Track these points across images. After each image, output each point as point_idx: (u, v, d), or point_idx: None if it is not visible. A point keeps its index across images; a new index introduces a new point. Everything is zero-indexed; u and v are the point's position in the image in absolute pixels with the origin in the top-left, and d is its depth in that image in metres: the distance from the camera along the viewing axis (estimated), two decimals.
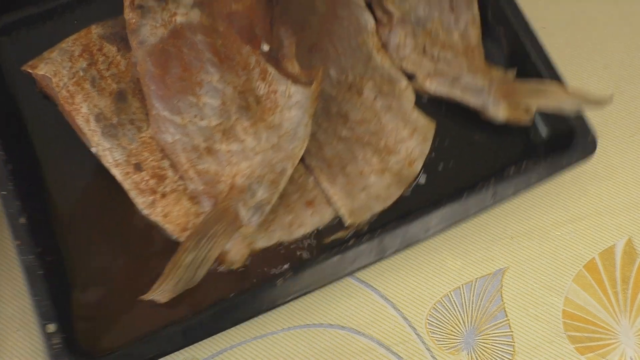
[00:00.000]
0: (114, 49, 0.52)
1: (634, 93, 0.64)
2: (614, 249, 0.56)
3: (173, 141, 0.49)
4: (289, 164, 0.50)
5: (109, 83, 0.51)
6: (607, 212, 0.58)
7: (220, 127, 0.49)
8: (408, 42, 0.56)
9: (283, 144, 0.50)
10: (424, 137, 0.55)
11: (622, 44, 0.66)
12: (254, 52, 0.51)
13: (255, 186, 0.49)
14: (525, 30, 0.56)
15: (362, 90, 0.55)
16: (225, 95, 0.50)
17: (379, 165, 0.53)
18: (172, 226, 0.50)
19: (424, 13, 0.57)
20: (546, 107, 0.53)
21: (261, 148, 0.50)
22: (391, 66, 0.56)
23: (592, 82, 0.64)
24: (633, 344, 0.53)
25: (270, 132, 0.50)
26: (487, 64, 0.56)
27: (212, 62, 0.50)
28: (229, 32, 0.51)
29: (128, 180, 0.50)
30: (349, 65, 0.55)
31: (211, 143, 0.49)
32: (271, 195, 0.49)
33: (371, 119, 0.54)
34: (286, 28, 0.52)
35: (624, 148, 0.61)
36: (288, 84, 0.50)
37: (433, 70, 0.56)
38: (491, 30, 0.59)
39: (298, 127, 0.50)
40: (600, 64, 0.65)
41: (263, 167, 0.49)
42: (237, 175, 0.49)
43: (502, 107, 0.54)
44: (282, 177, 0.50)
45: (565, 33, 0.66)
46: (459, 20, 0.57)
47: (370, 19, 0.57)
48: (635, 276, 0.55)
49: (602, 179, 0.59)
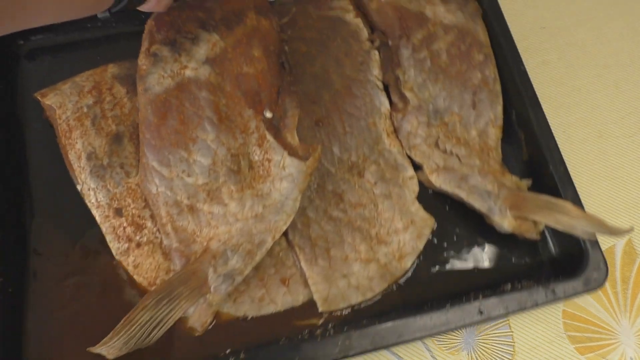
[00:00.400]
0: (123, 90, 0.52)
1: (634, 93, 0.64)
2: (614, 249, 0.56)
3: (156, 193, 0.48)
4: (269, 237, 0.47)
5: (109, 123, 0.51)
6: (607, 212, 0.57)
7: (206, 187, 0.48)
8: (420, 132, 0.54)
9: (267, 215, 0.48)
10: (420, 232, 0.51)
11: (622, 44, 0.66)
12: (256, 116, 0.50)
13: (229, 253, 0.47)
14: (547, 140, 0.52)
15: (363, 173, 0.53)
16: (217, 156, 0.48)
17: (366, 254, 0.50)
18: (140, 278, 0.49)
19: (443, 104, 0.54)
20: (556, 226, 0.49)
21: (243, 215, 0.48)
22: (399, 153, 0.54)
23: (592, 82, 0.63)
24: (633, 344, 0.52)
25: (256, 200, 0.48)
26: (502, 168, 0.53)
27: (210, 121, 0.49)
28: (235, 92, 0.50)
29: (107, 223, 0.49)
30: (354, 144, 0.53)
31: (194, 201, 0.48)
32: (245, 265, 0.47)
33: (367, 203, 0.52)
34: (292, 98, 0.50)
35: (624, 148, 0.61)
36: (284, 155, 0.49)
37: (442, 165, 0.53)
38: (513, 133, 0.56)
39: (286, 200, 0.48)
40: (600, 63, 0.65)
41: (242, 235, 0.47)
42: (213, 239, 0.47)
43: (509, 217, 0.50)
44: (259, 249, 0.47)
45: (565, 33, 0.66)
46: (479, 117, 0.54)
47: (385, 102, 0.55)
48: (635, 276, 0.55)
49: (602, 179, 0.59)
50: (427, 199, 0.53)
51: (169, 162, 0.48)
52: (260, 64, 0.51)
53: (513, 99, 0.55)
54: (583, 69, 0.64)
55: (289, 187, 0.48)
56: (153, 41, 0.51)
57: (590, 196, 0.58)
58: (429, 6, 0.56)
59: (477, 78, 0.55)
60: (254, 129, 0.49)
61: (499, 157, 0.54)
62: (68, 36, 0.58)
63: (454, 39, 0.56)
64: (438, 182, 0.52)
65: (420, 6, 0.56)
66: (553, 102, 0.62)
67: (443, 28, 0.56)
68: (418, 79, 0.54)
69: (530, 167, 0.54)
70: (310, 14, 0.56)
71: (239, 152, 0.49)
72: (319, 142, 0.52)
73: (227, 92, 0.50)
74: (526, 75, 0.54)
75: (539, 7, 0.67)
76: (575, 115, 0.62)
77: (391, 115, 0.55)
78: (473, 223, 0.53)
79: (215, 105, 0.49)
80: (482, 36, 0.56)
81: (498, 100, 0.55)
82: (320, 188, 0.52)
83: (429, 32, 0.55)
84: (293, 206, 0.48)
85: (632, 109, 0.63)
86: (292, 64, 0.54)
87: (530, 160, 0.54)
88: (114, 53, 0.57)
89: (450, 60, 0.55)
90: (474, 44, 0.56)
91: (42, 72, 0.57)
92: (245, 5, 0.53)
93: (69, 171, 0.50)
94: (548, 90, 0.63)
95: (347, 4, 0.57)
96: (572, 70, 0.64)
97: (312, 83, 0.54)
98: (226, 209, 0.48)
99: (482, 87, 0.55)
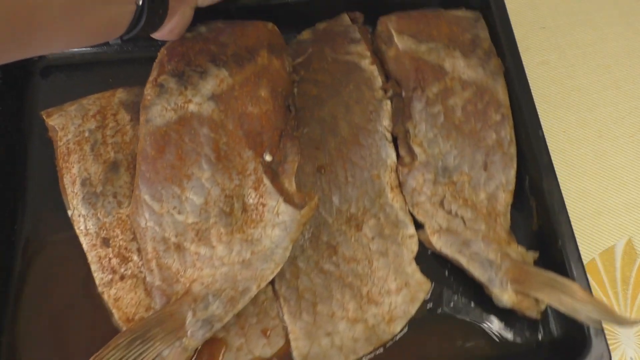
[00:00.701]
0: (127, 117, 0.52)
1: (634, 93, 0.64)
2: (614, 249, 0.56)
3: (145, 227, 0.47)
4: (254, 285, 0.46)
5: (108, 150, 0.50)
6: (607, 212, 0.58)
7: (195, 226, 0.47)
8: (425, 189, 0.51)
9: (255, 262, 0.46)
10: (414, 296, 0.49)
11: (622, 44, 0.66)
12: (255, 158, 0.48)
13: (211, 298, 0.45)
14: (559, 213, 0.49)
15: (361, 226, 0.50)
16: (210, 196, 0.47)
17: (354, 313, 0.48)
18: (119, 313, 0.47)
19: (453, 163, 0.52)
20: (559, 307, 0.46)
21: (230, 260, 0.46)
22: (401, 209, 0.51)
23: (592, 82, 0.64)
24: (633, 344, 0.52)
25: (244, 245, 0.46)
26: (509, 237, 0.50)
27: (208, 159, 0.47)
28: (236, 132, 0.48)
29: (93, 252, 0.48)
30: (355, 195, 0.51)
31: (181, 240, 0.47)
32: (225, 312, 0.45)
33: (362, 259, 0.49)
34: (294, 143, 0.49)
35: (624, 148, 0.61)
36: (279, 201, 0.47)
37: (445, 226, 0.50)
38: (525, 200, 0.53)
39: (276, 248, 0.46)
40: (600, 63, 0.65)
41: (226, 280, 0.46)
42: (196, 281, 0.46)
43: (509, 291, 0.47)
44: (242, 297, 0.46)
45: (565, 33, 0.67)
46: (490, 180, 0.52)
47: (392, 154, 0.53)
48: (636, 276, 0.55)
49: (602, 179, 0.59)
50: (426, 260, 0.51)
51: (161, 196, 0.47)
52: (266, 105, 0.50)
53: (528, 165, 0.52)
54: (583, 69, 0.65)
55: (281, 235, 0.46)
56: (162, 71, 0.50)
57: (590, 196, 0.58)
58: (449, 59, 0.54)
59: (492, 139, 0.53)
60: (252, 170, 0.48)
61: (507, 224, 0.51)
62: (83, 56, 0.58)
63: (471, 96, 0.53)
64: (439, 244, 0.50)
65: (439, 58, 0.54)
66: (553, 102, 0.63)
67: (461, 83, 0.53)
68: (429, 133, 0.52)
69: (540, 238, 0.51)
70: (325, 56, 0.55)
71: (233, 194, 0.47)
72: (318, 190, 0.51)
73: (229, 130, 0.48)
74: (544, 141, 0.51)
75: (539, 7, 0.68)
76: (575, 115, 0.62)
77: (397, 168, 0.52)
78: (472, 292, 0.50)
79: (215, 143, 0.48)
80: (502, 95, 0.54)
81: (512, 164, 0.52)
82: (314, 238, 0.50)
83: (445, 86, 0.53)
84: (282, 255, 0.46)
85: (632, 109, 0.63)
86: (301, 106, 0.53)
87: (540, 232, 0.51)
88: (127, 76, 0.57)
89: (465, 117, 0.53)
90: (491, 103, 0.53)
91: (55, 89, 0.57)
92: (260, 43, 0.52)
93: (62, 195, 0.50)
94: (548, 90, 0.63)
95: (365, 49, 0.55)
96: (572, 70, 0.64)
97: (318, 127, 0.52)
98: (213, 251, 0.46)
99: (496, 149, 0.52)
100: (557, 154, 0.59)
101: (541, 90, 0.62)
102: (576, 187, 0.57)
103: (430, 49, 0.55)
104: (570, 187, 0.58)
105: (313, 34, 0.57)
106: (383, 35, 0.57)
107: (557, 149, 0.60)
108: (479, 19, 0.58)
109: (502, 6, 0.57)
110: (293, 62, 0.55)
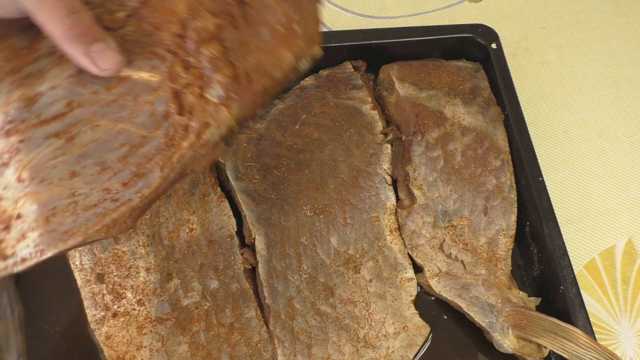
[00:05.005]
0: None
1: (634, 93, 0.64)
2: (614, 249, 0.56)
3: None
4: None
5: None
6: (607, 212, 0.57)
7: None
8: (425, 232, 0.51)
9: None
10: (412, 340, 0.47)
11: (622, 44, 0.66)
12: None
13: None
14: (561, 258, 0.48)
15: (359, 268, 0.50)
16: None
17: (350, 357, 0.46)
18: (110, 351, 0.46)
19: (453, 207, 0.52)
20: (562, 353, 0.44)
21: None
22: (400, 251, 0.51)
23: (592, 82, 0.64)
24: (633, 344, 0.52)
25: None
26: (510, 282, 0.49)
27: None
28: None
29: (87, 288, 0.48)
30: (353, 237, 0.51)
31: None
32: None
33: (359, 301, 0.48)
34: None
35: (624, 148, 0.61)
36: None
37: (445, 270, 0.49)
38: (526, 245, 0.52)
39: None
40: (600, 63, 0.65)
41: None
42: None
43: (511, 336, 0.46)
44: None
45: (565, 33, 0.67)
46: (490, 225, 0.51)
47: (391, 197, 0.52)
48: (636, 276, 0.55)
49: (602, 179, 0.59)
50: (425, 304, 0.50)
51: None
52: None
53: (529, 210, 0.52)
54: (583, 69, 0.65)
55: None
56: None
57: (590, 196, 0.58)
58: (449, 106, 0.55)
59: (492, 184, 0.52)
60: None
61: (507, 269, 0.50)
62: None
63: (471, 142, 0.54)
64: (438, 287, 0.49)
65: (440, 105, 0.55)
66: (553, 102, 0.63)
67: (461, 129, 0.54)
68: (429, 177, 0.52)
69: (541, 284, 0.50)
70: (327, 100, 0.56)
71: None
72: (316, 231, 0.50)
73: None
74: (544, 186, 0.51)
75: (539, 7, 0.68)
76: (575, 115, 0.62)
77: (397, 211, 0.52)
78: (472, 338, 0.49)
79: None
80: (502, 142, 0.54)
81: (512, 209, 0.52)
82: (311, 279, 0.49)
83: (445, 131, 0.54)
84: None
85: (632, 109, 0.63)
86: (302, 148, 0.53)
87: (542, 277, 0.50)
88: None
89: (465, 162, 0.53)
90: (491, 149, 0.54)
91: None
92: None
93: None
94: (548, 90, 0.63)
95: (366, 95, 0.57)
96: (572, 70, 0.65)
97: (318, 170, 0.52)
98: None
99: (496, 194, 0.52)
100: (557, 154, 0.60)
101: (541, 90, 0.62)
102: (576, 187, 0.57)
103: (431, 95, 0.56)
104: (570, 187, 0.58)
105: (316, 79, 0.58)
106: (385, 82, 0.58)
107: (557, 149, 0.60)
108: (479, 69, 0.59)
109: (502, 58, 0.58)
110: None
